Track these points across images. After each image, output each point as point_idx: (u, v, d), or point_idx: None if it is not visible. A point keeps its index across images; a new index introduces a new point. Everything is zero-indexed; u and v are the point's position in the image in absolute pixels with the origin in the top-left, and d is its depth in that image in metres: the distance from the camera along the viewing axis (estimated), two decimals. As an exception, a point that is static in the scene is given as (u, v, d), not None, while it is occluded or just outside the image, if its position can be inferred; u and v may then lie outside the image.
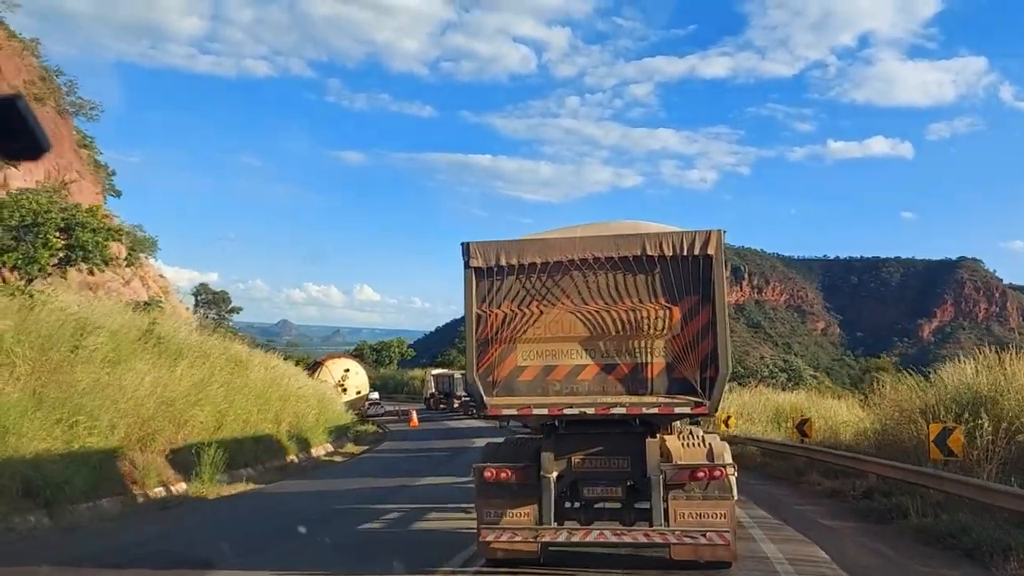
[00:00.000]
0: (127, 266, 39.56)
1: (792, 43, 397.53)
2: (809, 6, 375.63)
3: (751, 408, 29.09)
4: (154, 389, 16.71)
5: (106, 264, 23.79)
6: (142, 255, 45.87)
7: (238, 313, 72.52)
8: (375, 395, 57.71)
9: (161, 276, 48.90)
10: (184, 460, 16.76)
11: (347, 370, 57.05)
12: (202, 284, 73.00)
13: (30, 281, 21.58)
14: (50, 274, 22.24)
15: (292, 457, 24.25)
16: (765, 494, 15.77)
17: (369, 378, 76.78)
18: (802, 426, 19.71)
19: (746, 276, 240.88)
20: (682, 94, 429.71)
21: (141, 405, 16.07)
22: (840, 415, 22.75)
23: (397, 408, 57.28)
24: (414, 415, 46.03)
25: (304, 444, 25.90)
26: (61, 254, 21.70)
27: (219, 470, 17.63)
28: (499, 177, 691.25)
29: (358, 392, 57.38)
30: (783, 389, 39.70)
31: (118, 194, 50.96)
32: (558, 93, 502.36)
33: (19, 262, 20.19)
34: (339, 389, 55.22)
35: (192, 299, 69.23)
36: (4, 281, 21.37)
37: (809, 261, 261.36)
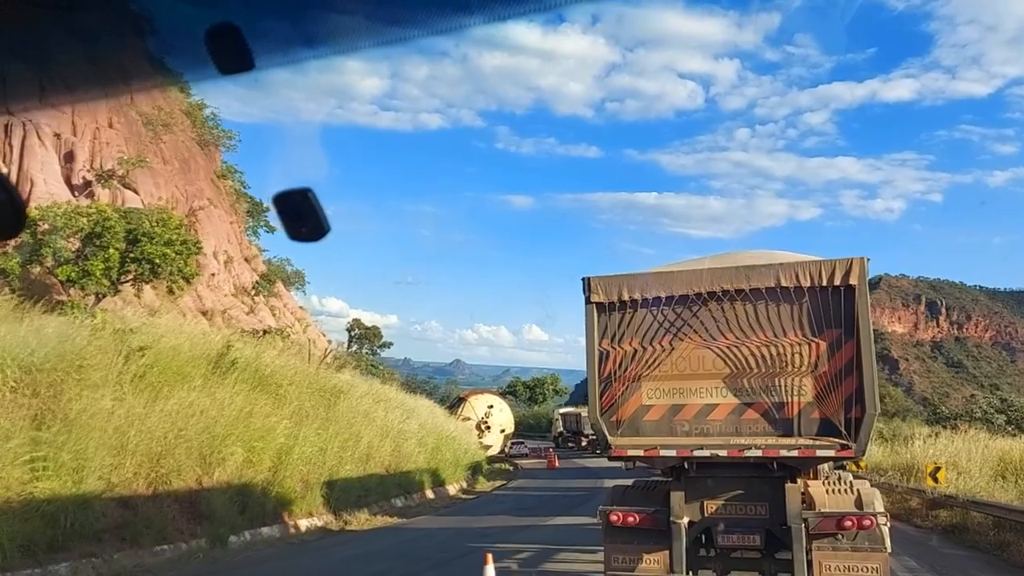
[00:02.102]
0: (256, 295, 38.49)
1: (986, 60, 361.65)
2: (1004, 21, 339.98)
3: (966, 457, 22.61)
4: (174, 421, 13.49)
5: (187, 281, 21.47)
6: (280, 285, 45.23)
7: (388, 348, 71.41)
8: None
9: (300, 308, 47.88)
10: (211, 508, 13.40)
11: (491, 406, 53.78)
12: (355, 319, 72.62)
13: (99, 299, 19.48)
14: (119, 291, 20.11)
15: (397, 500, 21.20)
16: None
17: (517, 416, 73.27)
18: (1060, 488, 13.55)
19: (943, 311, 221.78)
20: (862, 120, 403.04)
21: (155, 440, 12.89)
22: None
23: (540, 446, 53.48)
24: (554, 455, 41.78)
25: (406, 487, 22.30)
26: (136, 269, 19.45)
27: (265, 520, 14.20)
28: (665, 214, 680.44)
29: (502, 430, 53.91)
30: (1004, 434, 32.38)
31: (272, 229, 51.06)
32: (727, 126, 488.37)
33: (73, 275, 18.02)
34: (483, 427, 52.00)
35: (346, 334, 69.43)
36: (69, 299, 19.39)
37: (1019, 294, 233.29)
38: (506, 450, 53.06)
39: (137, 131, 33.27)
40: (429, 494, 23.72)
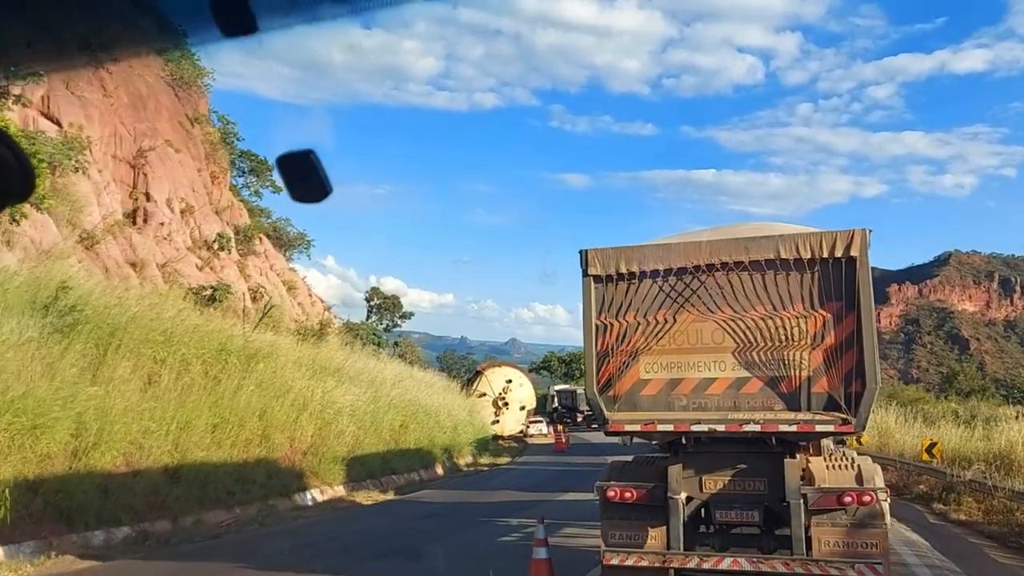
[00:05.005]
0: (219, 249, 33.74)
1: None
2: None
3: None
4: None
5: (38, 209, 16.52)
6: (267, 244, 40.52)
7: (409, 319, 66.60)
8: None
9: (291, 270, 43.10)
10: None
11: (509, 381, 48.46)
12: (374, 288, 67.93)
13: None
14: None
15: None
16: None
17: (537, 392, 67.83)
18: None
19: (1017, 288, 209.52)
20: (931, 93, 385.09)
21: None
22: None
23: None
24: (563, 433, 36.57)
25: (323, 474, 17.10)
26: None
27: (14, 537, 9.15)
28: (723, 192, 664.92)
29: (522, 407, 48.67)
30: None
31: (277, 190, 46.81)
32: (788, 101, 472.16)
33: None
34: (500, 403, 46.74)
35: (365, 304, 65.29)
36: None
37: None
38: (525, 429, 47.78)
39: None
40: (340, 492, 18.48)
